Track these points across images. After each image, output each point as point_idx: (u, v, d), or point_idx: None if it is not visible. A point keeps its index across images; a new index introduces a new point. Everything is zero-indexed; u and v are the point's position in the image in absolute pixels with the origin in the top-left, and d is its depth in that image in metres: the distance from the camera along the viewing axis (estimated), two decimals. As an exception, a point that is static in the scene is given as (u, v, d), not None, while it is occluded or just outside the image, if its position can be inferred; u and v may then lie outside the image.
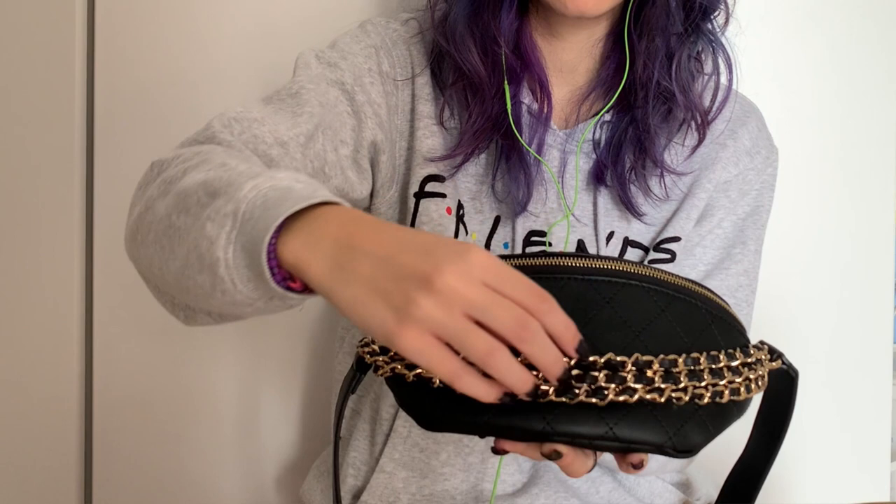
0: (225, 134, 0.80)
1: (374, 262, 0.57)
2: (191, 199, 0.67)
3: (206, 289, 0.65)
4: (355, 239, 0.59)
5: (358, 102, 0.91)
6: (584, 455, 0.64)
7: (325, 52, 0.94)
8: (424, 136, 0.95)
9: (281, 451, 1.27)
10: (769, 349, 0.68)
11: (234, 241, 0.62)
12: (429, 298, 0.55)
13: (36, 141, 1.23)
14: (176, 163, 0.73)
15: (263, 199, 0.62)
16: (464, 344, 0.55)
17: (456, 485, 0.96)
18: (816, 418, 1.25)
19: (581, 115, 0.96)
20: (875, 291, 1.27)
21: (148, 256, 0.71)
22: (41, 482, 1.26)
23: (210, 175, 0.68)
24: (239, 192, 0.63)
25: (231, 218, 0.62)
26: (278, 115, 0.84)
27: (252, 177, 0.64)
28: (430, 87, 0.96)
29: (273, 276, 0.61)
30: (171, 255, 0.67)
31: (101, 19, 1.22)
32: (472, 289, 0.55)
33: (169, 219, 0.68)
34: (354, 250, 0.58)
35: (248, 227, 0.62)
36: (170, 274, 0.69)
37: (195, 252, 0.64)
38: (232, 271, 0.62)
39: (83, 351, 1.26)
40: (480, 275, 0.56)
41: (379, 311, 0.56)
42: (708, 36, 0.93)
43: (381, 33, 0.97)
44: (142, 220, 0.72)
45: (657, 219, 0.97)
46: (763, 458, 0.73)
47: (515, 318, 0.56)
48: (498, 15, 0.91)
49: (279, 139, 0.82)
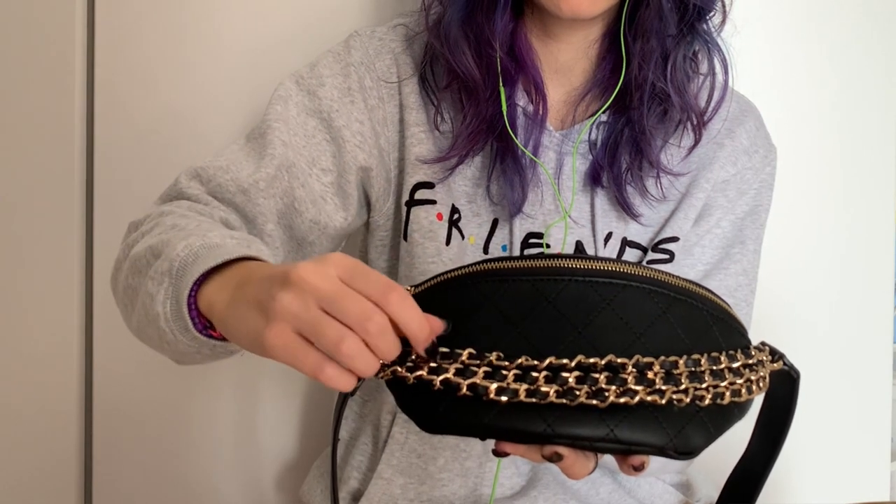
0: (191, 188, 0.88)
1: (255, 282, 0.63)
2: (141, 261, 0.75)
3: (157, 340, 0.73)
4: (250, 276, 0.65)
5: (335, 128, 0.93)
6: (585, 457, 0.64)
7: (305, 77, 0.95)
8: (413, 145, 0.95)
9: (281, 452, 1.27)
10: (770, 350, 0.68)
11: (171, 297, 0.69)
12: (286, 292, 0.59)
13: (36, 141, 1.23)
14: (143, 226, 0.82)
15: (195, 256, 0.69)
16: (316, 333, 0.59)
17: (454, 490, 0.96)
18: (816, 418, 1.25)
19: (577, 115, 0.96)
20: (875, 291, 1.27)
21: (122, 309, 0.81)
22: (41, 482, 1.26)
23: (157, 239, 0.75)
24: (173, 251, 0.70)
25: (167, 276, 0.70)
26: (248, 158, 0.91)
27: (186, 237, 0.72)
28: (416, 95, 0.96)
29: (195, 325, 0.68)
30: (132, 311, 0.77)
31: (101, 19, 1.22)
32: (324, 281, 0.59)
33: (126, 280, 0.77)
34: (246, 284, 0.65)
35: (179, 283, 0.69)
36: (133, 328, 0.79)
37: (143, 308, 0.73)
38: (171, 323, 0.70)
39: (83, 351, 1.26)
40: (334, 271, 0.60)
41: (251, 318, 0.62)
42: (703, 36, 0.93)
43: (363, 46, 0.97)
44: (114, 278, 0.82)
45: (655, 219, 0.97)
46: (764, 459, 0.73)
47: (362, 309, 0.58)
48: (492, 17, 0.90)
49: (240, 187, 0.88)
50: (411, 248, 0.95)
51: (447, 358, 0.62)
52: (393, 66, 0.96)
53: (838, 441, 1.27)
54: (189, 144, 1.22)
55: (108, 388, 1.25)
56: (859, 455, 1.28)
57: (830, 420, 1.27)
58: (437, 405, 0.63)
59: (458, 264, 0.89)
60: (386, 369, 0.65)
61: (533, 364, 0.61)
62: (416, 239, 0.94)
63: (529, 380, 0.61)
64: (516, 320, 0.62)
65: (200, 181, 0.89)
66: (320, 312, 0.58)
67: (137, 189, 1.22)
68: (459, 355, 0.62)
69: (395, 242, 0.99)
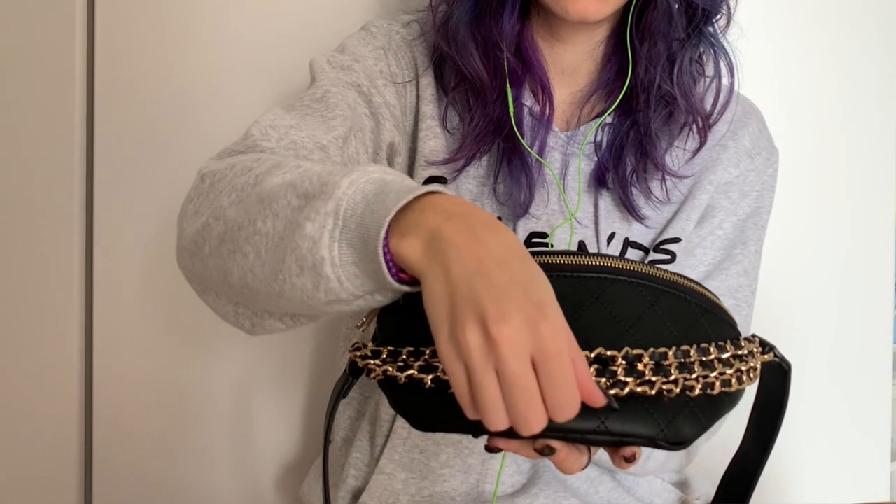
0: (266, 142, 0.80)
1: (461, 272, 0.57)
2: (278, 202, 0.66)
3: (308, 290, 0.64)
4: (452, 236, 0.59)
5: (375, 104, 0.91)
6: (578, 451, 0.65)
7: (336, 56, 0.93)
8: (427, 138, 0.95)
9: (281, 452, 1.27)
10: (761, 342, 0.68)
11: (339, 239, 0.62)
12: (476, 337, 0.55)
13: (36, 141, 1.23)
14: (237, 171, 0.73)
15: (362, 194, 0.62)
16: (477, 395, 0.56)
17: (455, 486, 0.95)
18: (816, 418, 1.25)
19: (583, 117, 0.96)
20: (875, 291, 1.27)
21: (219, 267, 0.71)
22: (41, 482, 1.26)
23: (293, 177, 0.67)
24: (337, 189, 0.63)
25: (332, 216, 0.62)
26: (307, 120, 0.84)
27: (346, 174, 0.64)
28: (433, 88, 0.96)
29: (390, 269, 0.61)
30: (258, 261, 0.67)
31: (101, 19, 1.23)
32: (513, 360, 0.55)
33: (253, 225, 0.67)
34: (448, 250, 0.58)
35: (353, 224, 0.62)
36: (255, 281, 0.68)
37: (293, 254, 0.63)
38: (338, 269, 0.62)
39: (83, 351, 1.26)
40: (533, 349, 0.55)
41: (440, 317, 0.57)
42: (710, 39, 0.93)
43: (385, 35, 0.97)
44: (209, 230, 0.71)
45: (658, 220, 0.97)
46: (759, 453, 0.73)
47: (525, 416, 0.56)
48: (500, 19, 0.90)
49: (318, 143, 0.82)
50: None
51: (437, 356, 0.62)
52: (411, 58, 0.97)
53: (838, 441, 1.27)
54: (190, 144, 1.22)
55: (108, 388, 1.25)
56: (859, 455, 1.27)
57: (830, 420, 1.26)
58: (428, 403, 0.63)
59: None
60: (377, 369, 0.65)
61: None
62: None
63: None
64: None
65: (270, 138, 0.80)
66: (492, 375, 0.55)
67: (137, 189, 1.23)
68: None
69: None
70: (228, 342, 1.25)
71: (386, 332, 0.67)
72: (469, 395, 0.57)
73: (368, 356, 0.66)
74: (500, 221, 0.61)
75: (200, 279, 0.75)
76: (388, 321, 0.67)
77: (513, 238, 0.60)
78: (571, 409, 0.56)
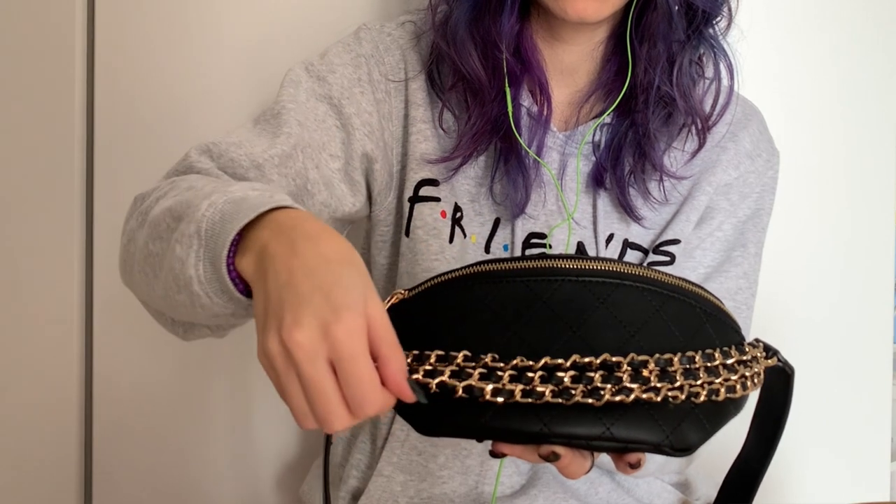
0: (202, 163, 0.84)
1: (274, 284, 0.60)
2: (160, 226, 0.72)
3: (188, 306, 0.69)
4: (274, 250, 0.62)
5: (346, 115, 0.92)
6: (582, 456, 0.65)
7: (315, 64, 0.94)
8: (418, 141, 0.95)
9: (280, 451, 1.27)
10: (764, 346, 0.68)
11: (203, 258, 0.66)
12: (276, 345, 0.58)
13: (36, 141, 1.23)
14: (153, 194, 0.78)
15: (221, 214, 0.66)
16: (283, 394, 0.60)
17: (454, 488, 0.96)
18: (816, 418, 1.25)
19: (581, 117, 0.96)
20: (875, 291, 1.27)
21: (137, 283, 0.78)
22: (41, 482, 1.26)
23: (174, 200, 0.72)
24: (197, 212, 0.68)
25: (195, 238, 0.67)
26: (261, 136, 0.88)
27: (207, 195, 0.69)
28: (424, 92, 0.96)
29: (236, 286, 0.66)
30: (155, 280, 0.73)
31: (101, 19, 1.22)
32: (306, 364, 0.58)
33: (146, 247, 0.74)
34: (269, 263, 0.62)
35: (211, 244, 0.66)
36: (157, 297, 0.74)
37: (171, 274, 0.69)
38: (205, 286, 0.67)
39: (83, 351, 1.26)
40: (328, 352, 0.58)
41: (258, 326, 0.61)
42: (710, 41, 0.93)
43: (373, 40, 0.97)
44: (127, 250, 0.78)
45: (656, 222, 0.96)
46: (760, 456, 0.73)
47: (324, 415, 0.59)
48: (499, 19, 0.90)
49: (254, 162, 0.85)
50: (414, 245, 0.95)
51: (443, 361, 0.62)
52: (401, 62, 0.96)
53: (838, 441, 1.27)
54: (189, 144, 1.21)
55: (108, 389, 1.25)
56: (859, 455, 1.28)
57: (830, 420, 1.27)
58: (433, 408, 0.63)
59: (460, 263, 0.89)
60: None
61: (528, 364, 0.61)
62: (420, 236, 0.94)
63: (525, 380, 0.61)
64: (511, 321, 0.62)
65: (211, 156, 0.85)
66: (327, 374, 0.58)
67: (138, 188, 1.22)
68: (455, 358, 0.62)
69: (395, 238, 0.99)
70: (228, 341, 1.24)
71: None
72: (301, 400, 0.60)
73: None
74: (331, 231, 0.64)
75: (137, 293, 0.81)
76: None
77: (335, 246, 0.63)
78: (371, 405, 0.58)
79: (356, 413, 0.59)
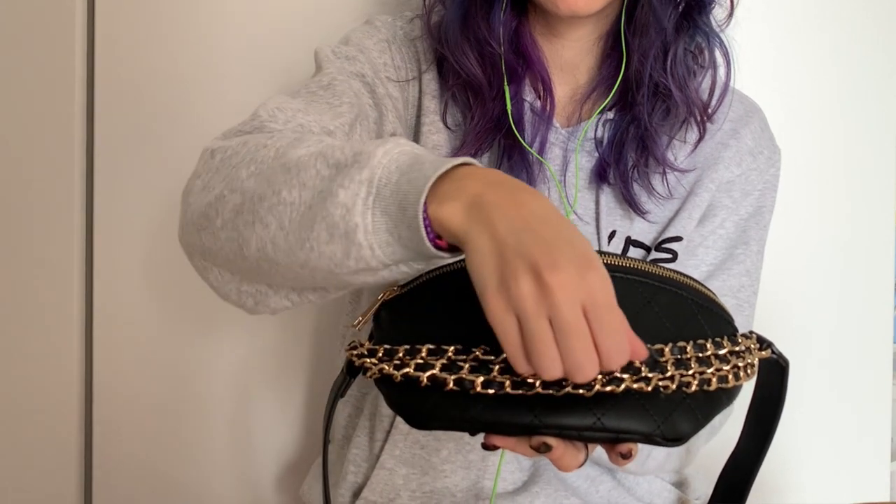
0: (273, 123, 0.80)
1: (508, 228, 0.58)
2: (306, 172, 0.67)
3: (337, 258, 0.65)
4: (495, 200, 0.60)
5: (379, 95, 0.92)
6: (575, 448, 0.64)
7: (340, 47, 0.94)
8: (430, 132, 0.95)
9: (281, 451, 1.27)
10: (758, 338, 0.68)
11: (373, 207, 0.63)
12: (529, 284, 0.56)
13: (36, 141, 1.24)
14: (252, 147, 0.73)
15: (396, 163, 0.63)
16: (532, 344, 0.57)
17: (456, 482, 0.96)
18: (816, 418, 1.25)
19: (583, 113, 0.96)
20: (875, 291, 1.27)
21: (232, 239, 0.71)
22: (41, 482, 1.26)
23: (320, 149, 0.68)
24: (372, 158, 0.64)
25: (366, 184, 0.63)
26: (313, 106, 0.85)
27: (379, 144, 0.65)
28: (436, 83, 0.96)
29: (428, 234, 0.62)
30: (280, 232, 0.67)
31: (101, 19, 1.23)
32: (567, 307, 0.55)
33: (277, 195, 0.68)
34: (493, 211, 0.59)
35: (387, 192, 0.62)
36: (275, 251, 0.68)
37: (324, 222, 0.64)
38: (370, 236, 0.63)
39: (83, 351, 1.26)
40: (585, 297, 0.56)
41: (487, 270, 0.57)
42: (703, 28, 0.93)
43: (389, 29, 0.97)
44: (223, 203, 0.72)
45: (660, 217, 0.96)
46: (756, 450, 0.73)
47: (581, 363, 0.56)
48: (488, 17, 0.91)
49: (325, 128, 0.82)
50: None
51: (434, 354, 0.62)
52: (414, 53, 0.97)
53: (838, 441, 1.27)
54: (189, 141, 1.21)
55: (108, 388, 1.26)
56: (859, 455, 1.27)
57: (830, 420, 1.26)
58: (424, 401, 0.63)
59: None
60: (373, 367, 0.65)
61: None
62: None
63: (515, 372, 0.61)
64: None
65: (277, 120, 0.81)
66: (546, 327, 0.56)
67: (137, 187, 1.23)
68: (446, 351, 0.62)
69: None
70: (229, 342, 1.25)
71: (382, 331, 0.67)
72: (520, 347, 0.57)
73: (364, 355, 0.67)
74: (520, 188, 0.62)
75: (207, 254, 0.75)
76: (384, 320, 0.68)
77: (550, 203, 0.61)
78: (623, 356, 0.57)
79: (606, 364, 0.57)
